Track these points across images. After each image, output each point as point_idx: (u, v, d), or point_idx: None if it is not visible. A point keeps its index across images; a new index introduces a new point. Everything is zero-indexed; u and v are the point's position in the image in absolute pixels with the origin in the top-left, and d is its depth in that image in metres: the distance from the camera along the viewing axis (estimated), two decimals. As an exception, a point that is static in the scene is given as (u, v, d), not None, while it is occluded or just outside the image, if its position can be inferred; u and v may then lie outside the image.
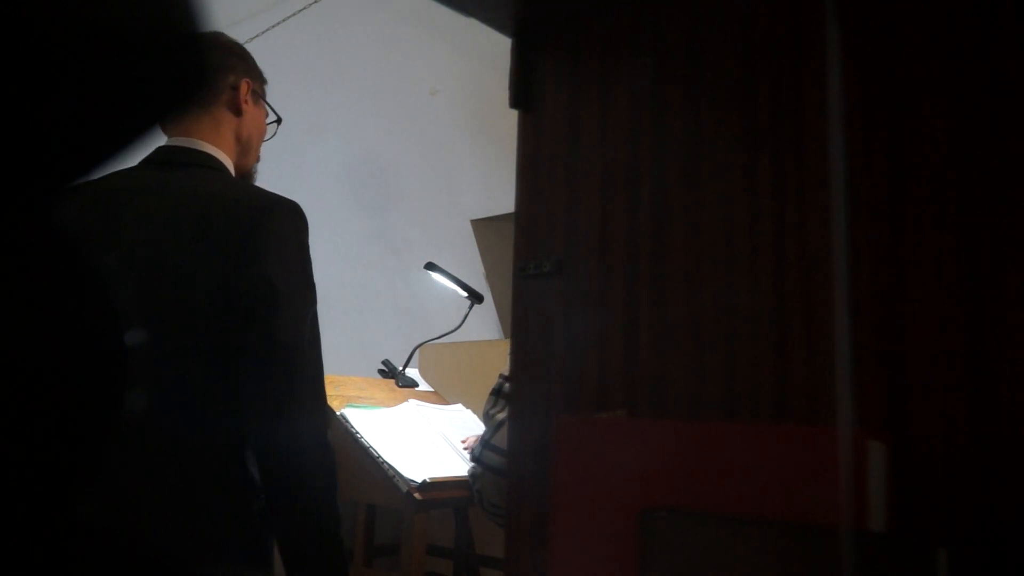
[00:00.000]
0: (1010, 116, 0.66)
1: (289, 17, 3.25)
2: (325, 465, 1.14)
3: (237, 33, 1.41)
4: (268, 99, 1.40)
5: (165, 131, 1.25)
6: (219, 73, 1.28)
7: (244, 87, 1.32)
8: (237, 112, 1.31)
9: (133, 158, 1.17)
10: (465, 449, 1.92)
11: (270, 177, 1.41)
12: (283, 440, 1.10)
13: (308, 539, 1.11)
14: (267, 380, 1.10)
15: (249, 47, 1.40)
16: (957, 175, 0.68)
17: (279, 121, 1.43)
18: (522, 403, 0.96)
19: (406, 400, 2.17)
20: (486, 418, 1.61)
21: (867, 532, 0.62)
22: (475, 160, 3.26)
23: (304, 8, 3.20)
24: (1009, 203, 0.65)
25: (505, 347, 1.02)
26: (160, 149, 1.24)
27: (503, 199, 3.12)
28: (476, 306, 2.38)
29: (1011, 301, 0.64)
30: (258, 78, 1.38)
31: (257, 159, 1.39)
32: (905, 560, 0.58)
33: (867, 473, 0.63)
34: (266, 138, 1.41)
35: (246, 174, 1.37)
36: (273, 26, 3.26)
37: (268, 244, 1.14)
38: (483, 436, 1.60)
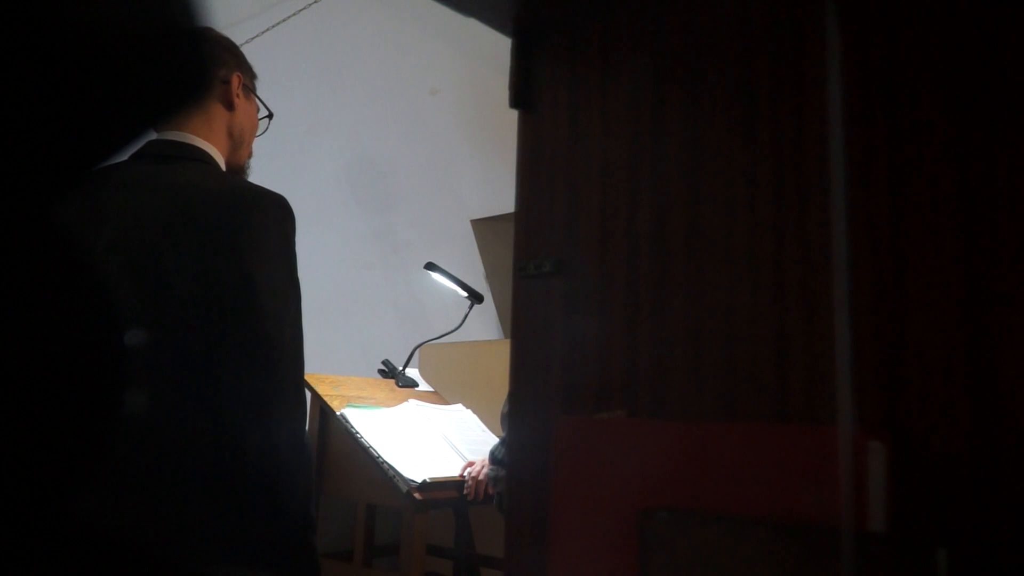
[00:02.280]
0: (1010, 116, 0.66)
1: (289, 17, 3.25)
2: (300, 470, 1.10)
3: (237, 33, 1.42)
4: (266, 98, 1.39)
5: (156, 127, 1.24)
6: (211, 68, 1.27)
7: (235, 81, 1.31)
8: (229, 106, 1.30)
9: (125, 156, 1.16)
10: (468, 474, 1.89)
11: (270, 176, 1.40)
12: (258, 441, 1.06)
13: (279, 543, 1.07)
14: (245, 379, 1.07)
15: (249, 47, 1.40)
16: (957, 175, 0.68)
17: (270, 116, 1.42)
18: (522, 403, 0.96)
19: (406, 400, 2.17)
20: (503, 419, 1.61)
21: (867, 532, 0.62)
22: (475, 160, 3.26)
23: (304, 8, 3.20)
24: (1009, 203, 0.65)
25: (505, 347, 1.02)
26: (149, 143, 1.22)
27: (503, 199, 3.12)
28: (476, 306, 2.38)
29: (1011, 302, 0.64)
30: (248, 72, 1.37)
31: (249, 155, 1.38)
32: (905, 560, 0.58)
33: (867, 473, 0.63)
34: (258, 134, 1.40)
35: (239, 170, 1.36)
36: (273, 26, 3.26)
37: (249, 237, 1.11)
38: (504, 438, 1.59)
